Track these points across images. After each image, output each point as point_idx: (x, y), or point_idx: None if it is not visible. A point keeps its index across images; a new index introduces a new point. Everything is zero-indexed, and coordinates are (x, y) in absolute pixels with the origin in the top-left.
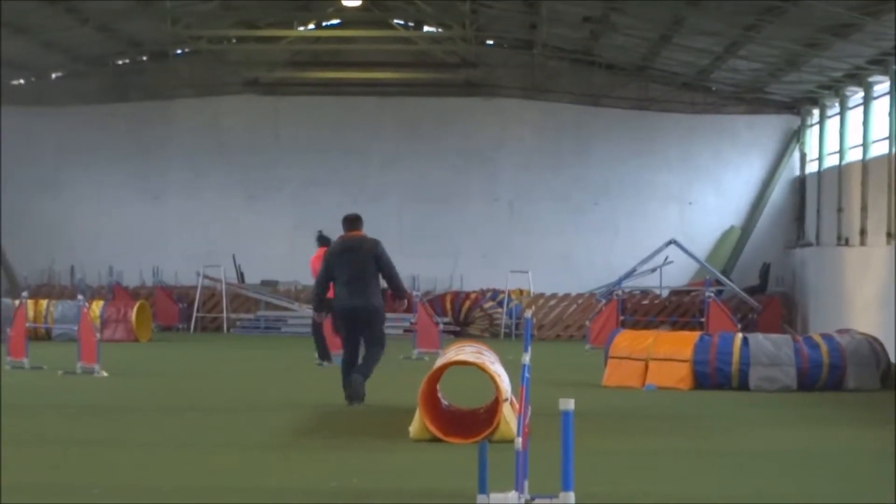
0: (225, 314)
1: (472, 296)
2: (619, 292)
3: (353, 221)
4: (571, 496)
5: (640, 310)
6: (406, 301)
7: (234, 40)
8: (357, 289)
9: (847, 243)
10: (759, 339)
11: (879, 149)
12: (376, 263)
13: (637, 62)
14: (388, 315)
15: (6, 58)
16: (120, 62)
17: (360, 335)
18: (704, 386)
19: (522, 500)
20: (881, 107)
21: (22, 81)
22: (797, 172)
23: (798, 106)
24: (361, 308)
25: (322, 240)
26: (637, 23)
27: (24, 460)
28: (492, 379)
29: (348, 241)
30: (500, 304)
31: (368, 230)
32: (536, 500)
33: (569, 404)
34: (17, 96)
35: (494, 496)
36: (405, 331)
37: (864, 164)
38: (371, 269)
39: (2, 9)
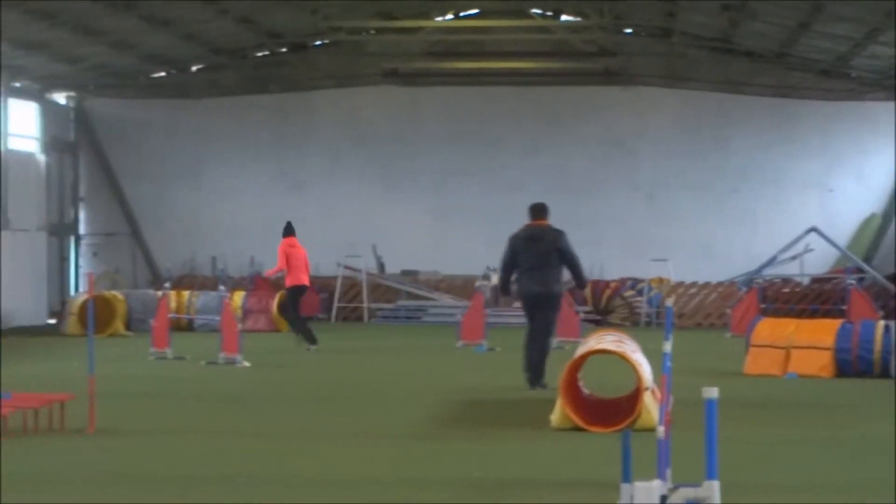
0: (365, 304)
1: (613, 285)
2: (760, 280)
3: (538, 211)
4: (716, 485)
5: (781, 298)
6: (587, 288)
7: (373, 31)
8: (539, 276)
9: None
10: None
11: None
12: (558, 253)
13: (776, 49)
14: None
15: (149, 51)
16: (259, 54)
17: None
18: (846, 374)
19: (665, 489)
20: None
21: (163, 74)
22: None
23: None
24: (544, 295)
25: (289, 229)
26: (776, 9)
27: (168, 451)
28: (633, 367)
29: (533, 229)
30: (641, 292)
31: (508, 219)
32: (680, 489)
33: (712, 393)
34: (158, 89)
35: (638, 485)
36: None
37: None
38: (554, 258)
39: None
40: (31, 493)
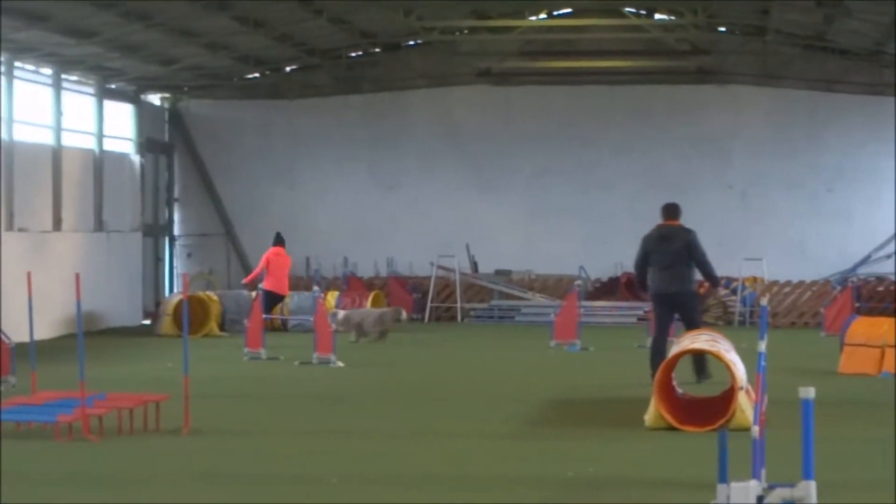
0: (459, 304)
1: (706, 284)
2: (854, 279)
3: (670, 210)
4: (812, 485)
5: (876, 296)
6: (719, 287)
7: (466, 31)
8: (671, 275)
9: None
10: None
11: None
12: (689, 252)
13: (871, 47)
14: (622, 304)
15: (243, 52)
16: (353, 54)
17: (672, 320)
18: None
19: (760, 489)
20: None
21: (257, 75)
22: None
23: None
24: (677, 293)
25: (278, 239)
26: (871, 7)
27: (262, 451)
28: (727, 367)
29: (665, 229)
30: (734, 291)
31: (601, 218)
32: (777, 489)
33: (809, 393)
34: (252, 90)
35: (735, 485)
36: (639, 319)
37: None
38: (684, 257)
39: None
40: (126, 493)
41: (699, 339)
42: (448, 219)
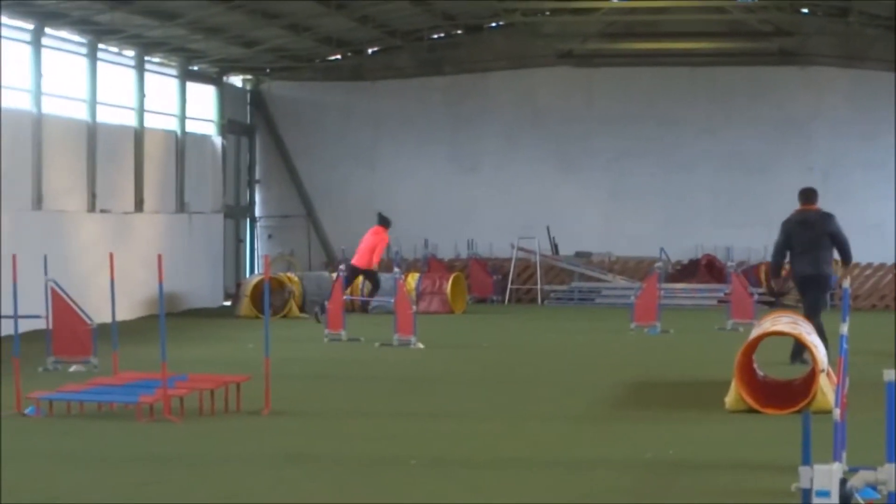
0: (539, 286)
1: (787, 266)
2: None
3: (809, 195)
4: (894, 468)
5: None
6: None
7: (548, 13)
8: (815, 258)
9: None
10: None
11: None
12: (831, 236)
13: None
14: (703, 286)
15: (325, 34)
16: (434, 36)
17: (821, 299)
18: None
19: (842, 472)
20: None
21: (339, 57)
22: None
23: None
24: (820, 275)
25: (382, 220)
26: None
27: (342, 432)
28: (808, 349)
29: (806, 213)
30: None
31: (682, 200)
32: (861, 472)
33: (892, 375)
34: (333, 72)
35: (818, 467)
36: (719, 301)
37: None
38: (826, 240)
39: None
40: (207, 474)
41: (780, 322)
42: (528, 201)
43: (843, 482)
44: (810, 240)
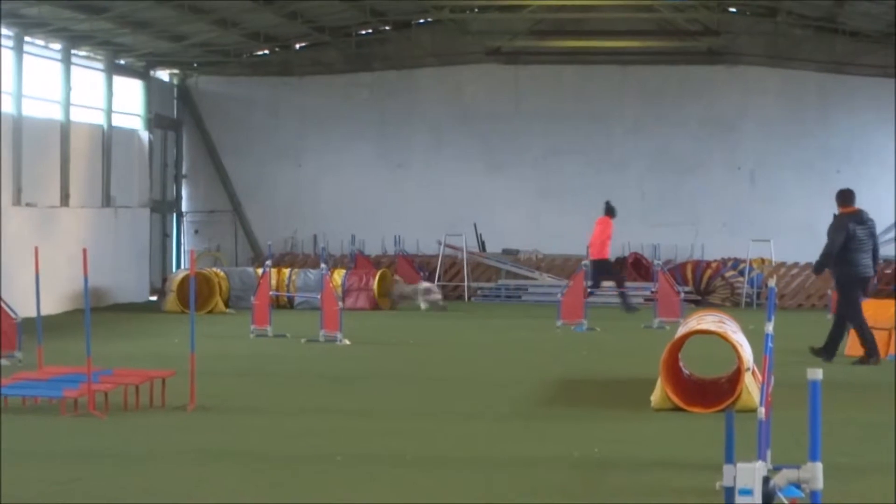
0: (466, 283)
1: (714, 265)
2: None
3: (852, 196)
4: (819, 467)
5: (884, 279)
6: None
7: (476, 10)
8: (869, 259)
9: None
10: None
11: None
12: (874, 237)
13: (882, 29)
14: (630, 284)
15: (252, 29)
16: (363, 32)
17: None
18: None
19: (766, 471)
20: None
21: (266, 52)
22: None
23: None
24: (871, 278)
25: (608, 209)
26: None
27: (267, 428)
28: (734, 348)
29: (859, 215)
30: (742, 273)
31: (609, 198)
32: (783, 470)
33: (817, 374)
34: (261, 67)
35: (741, 466)
36: (646, 299)
37: None
38: (873, 242)
39: None
40: (131, 469)
41: (705, 320)
42: (456, 197)
43: (767, 480)
44: (868, 241)
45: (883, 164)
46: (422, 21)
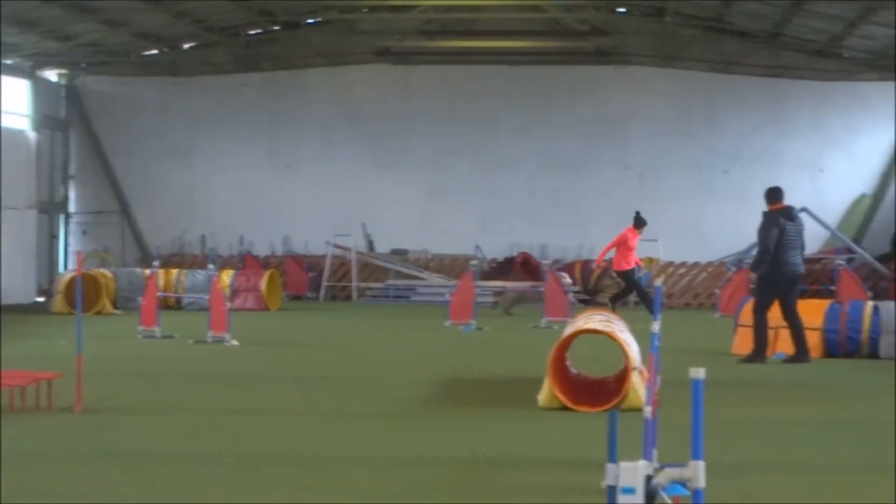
0: (354, 283)
1: (602, 264)
2: (749, 260)
3: (781, 193)
4: (701, 465)
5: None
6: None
7: (366, 10)
8: (801, 256)
9: None
10: (890, 308)
11: None
12: (801, 234)
13: (769, 29)
14: (518, 284)
15: (141, 28)
16: (252, 32)
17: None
18: (834, 354)
19: (651, 469)
20: None
21: (155, 52)
22: None
23: None
24: (802, 274)
25: (636, 220)
26: None
27: (155, 429)
28: (621, 347)
29: (790, 211)
30: None
31: (499, 198)
32: (666, 469)
33: (699, 373)
34: (150, 67)
35: (623, 465)
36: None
37: None
38: (801, 239)
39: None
40: (17, 471)
41: (593, 320)
42: (345, 198)
43: (649, 479)
44: (799, 237)
45: (770, 163)
46: (311, 21)
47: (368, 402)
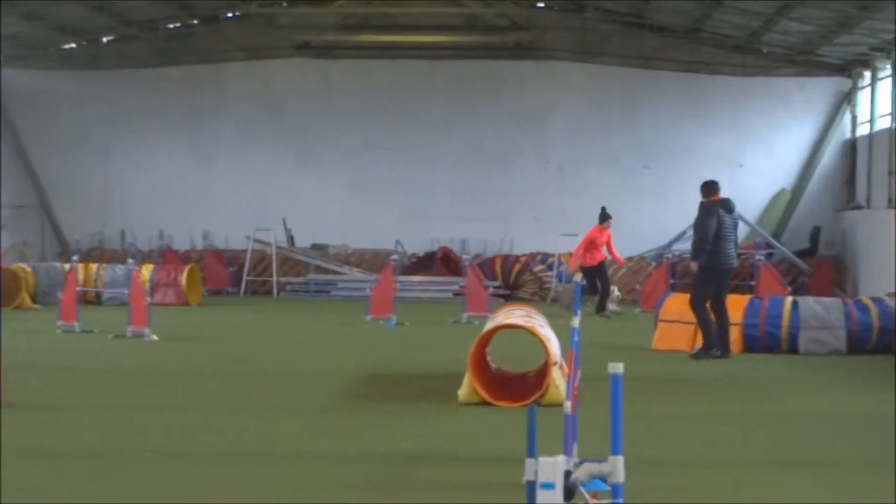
0: (275, 278)
1: (522, 259)
2: (670, 256)
3: (717, 186)
4: (620, 460)
5: (690, 273)
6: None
7: (285, 3)
8: (735, 249)
9: None
10: (810, 303)
11: None
12: (737, 227)
13: (688, 24)
14: (438, 279)
15: (60, 22)
16: (171, 26)
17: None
18: (754, 349)
19: (571, 465)
20: None
21: (73, 45)
22: (848, 135)
23: (849, 68)
24: (734, 267)
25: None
26: None
27: (75, 425)
28: (541, 342)
29: (728, 203)
30: (550, 267)
31: (419, 193)
32: (585, 464)
33: (618, 368)
34: (69, 60)
35: (543, 460)
36: (454, 294)
37: None
38: (736, 232)
39: None
40: None
41: (514, 315)
42: (266, 192)
43: (568, 474)
44: (734, 230)
45: (690, 158)
46: (230, 15)
47: (288, 398)
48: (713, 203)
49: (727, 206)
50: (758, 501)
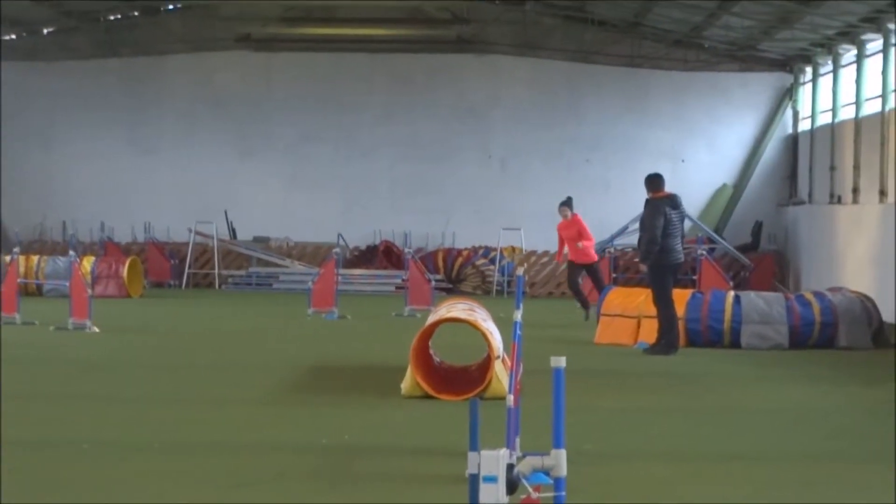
0: (216, 270)
1: (465, 253)
2: (611, 250)
3: (662, 181)
4: (563, 454)
5: (633, 267)
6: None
7: None
8: (681, 245)
9: (839, 201)
10: (751, 297)
11: (872, 107)
12: (683, 222)
13: (629, 19)
14: (380, 272)
15: None
16: (111, 17)
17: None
18: (696, 344)
19: (513, 458)
20: (874, 65)
21: (13, 36)
22: (790, 130)
23: (791, 64)
24: (682, 263)
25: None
26: None
27: (15, 415)
28: (484, 336)
29: (674, 199)
30: (493, 261)
31: (360, 186)
32: (527, 458)
33: (560, 362)
34: (8, 51)
35: (485, 453)
36: (397, 288)
37: (857, 122)
38: (682, 227)
39: None
40: None
41: (456, 308)
42: (207, 185)
43: (511, 467)
44: (681, 225)
45: (632, 152)
46: (171, 7)
47: (231, 389)
48: (659, 200)
49: (673, 202)
50: (700, 493)
